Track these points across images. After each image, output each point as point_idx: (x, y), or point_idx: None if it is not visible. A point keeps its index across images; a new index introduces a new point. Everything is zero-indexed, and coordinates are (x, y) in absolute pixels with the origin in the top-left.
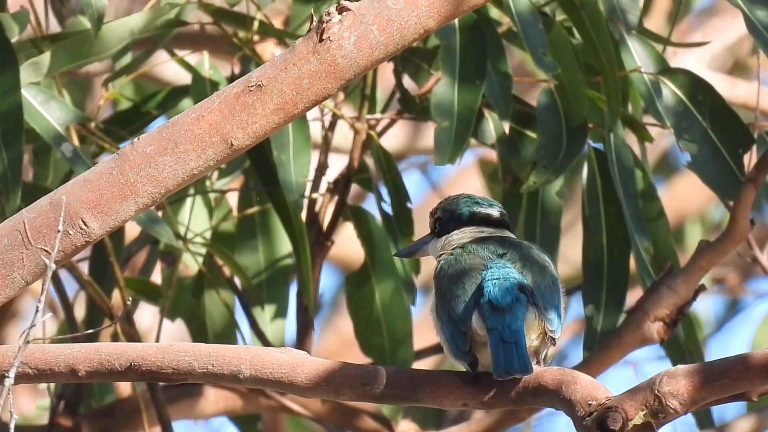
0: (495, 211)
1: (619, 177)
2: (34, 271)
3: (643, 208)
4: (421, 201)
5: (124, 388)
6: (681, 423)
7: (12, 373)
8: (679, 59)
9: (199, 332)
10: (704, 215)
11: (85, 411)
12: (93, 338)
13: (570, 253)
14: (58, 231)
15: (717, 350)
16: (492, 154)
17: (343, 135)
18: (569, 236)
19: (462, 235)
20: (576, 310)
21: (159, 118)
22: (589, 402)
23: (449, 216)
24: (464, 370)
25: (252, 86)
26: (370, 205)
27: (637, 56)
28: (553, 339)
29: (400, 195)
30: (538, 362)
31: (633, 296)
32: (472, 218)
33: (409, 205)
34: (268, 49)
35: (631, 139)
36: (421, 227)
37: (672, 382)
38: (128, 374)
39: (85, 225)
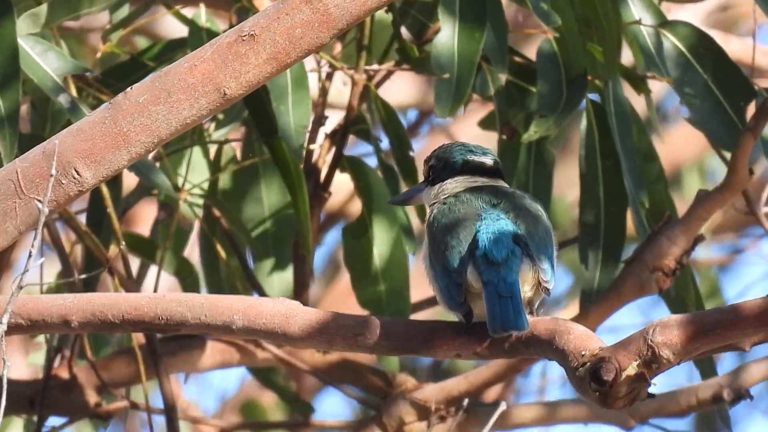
0: (488, 160)
1: (617, 129)
2: (27, 220)
3: (640, 162)
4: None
5: (121, 341)
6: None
7: (5, 320)
8: (673, 15)
9: (194, 288)
10: (701, 164)
11: (82, 364)
12: (89, 287)
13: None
14: (51, 176)
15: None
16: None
17: (337, 90)
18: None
19: (455, 184)
20: (572, 261)
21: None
22: (582, 352)
23: (443, 164)
24: (458, 320)
25: (245, 35)
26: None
27: (635, 10)
28: (548, 290)
29: (401, 144)
30: (531, 312)
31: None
32: (466, 166)
33: (411, 153)
34: (263, 2)
35: (629, 93)
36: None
37: (665, 332)
38: (121, 325)
39: (78, 174)
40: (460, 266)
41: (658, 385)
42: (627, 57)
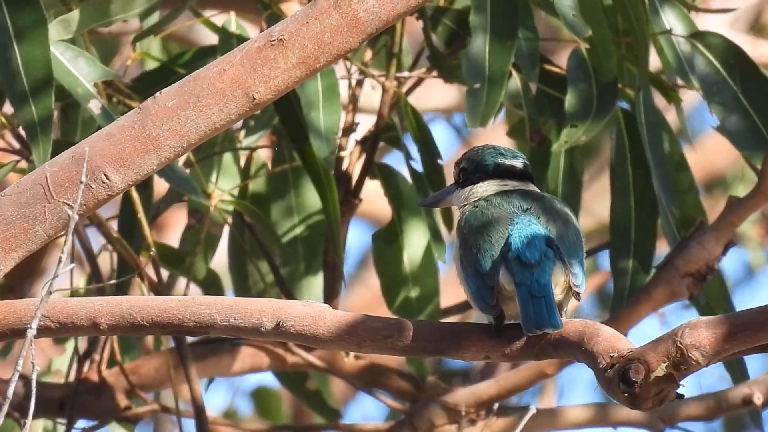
0: (519, 163)
1: (648, 138)
2: (56, 224)
3: (671, 170)
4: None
5: (150, 344)
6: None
7: (34, 324)
8: (701, 20)
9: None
10: (732, 171)
11: (111, 368)
12: (120, 293)
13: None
14: (81, 182)
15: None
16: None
17: (366, 96)
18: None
19: (486, 187)
20: (602, 266)
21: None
22: (611, 354)
23: (474, 166)
24: (487, 322)
25: (274, 40)
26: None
27: (666, 19)
28: (578, 294)
29: (430, 152)
30: (561, 315)
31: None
32: (497, 169)
33: (439, 161)
34: (293, 8)
35: (659, 101)
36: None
37: (694, 333)
38: (150, 328)
39: (107, 178)
40: (492, 269)
41: (688, 387)
42: (655, 64)
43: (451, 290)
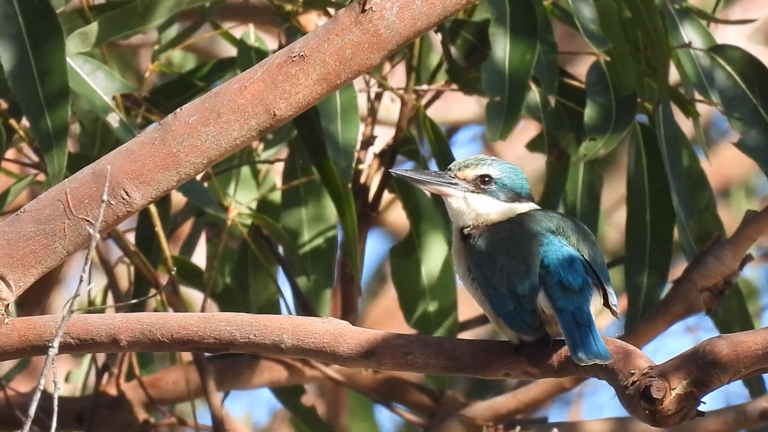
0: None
1: (667, 152)
2: (76, 241)
3: (689, 185)
4: None
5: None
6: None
7: (56, 343)
8: (720, 33)
9: (242, 306)
10: (749, 184)
11: (130, 382)
12: (140, 309)
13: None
14: (103, 201)
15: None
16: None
17: (385, 108)
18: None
19: (511, 206)
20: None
21: (205, 91)
22: (632, 371)
23: (502, 185)
24: (506, 339)
25: (295, 56)
26: None
27: (684, 32)
28: (616, 313)
29: (448, 164)
30: None
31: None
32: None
33: None
34: (312, 21)
35: (676, 113)
36: None
37: (715, 351)
38: (170, 344)
39: (127, 195)
40: (530, 291)
41: (708, 401)
42: (672, 77)
43: (469, 304)
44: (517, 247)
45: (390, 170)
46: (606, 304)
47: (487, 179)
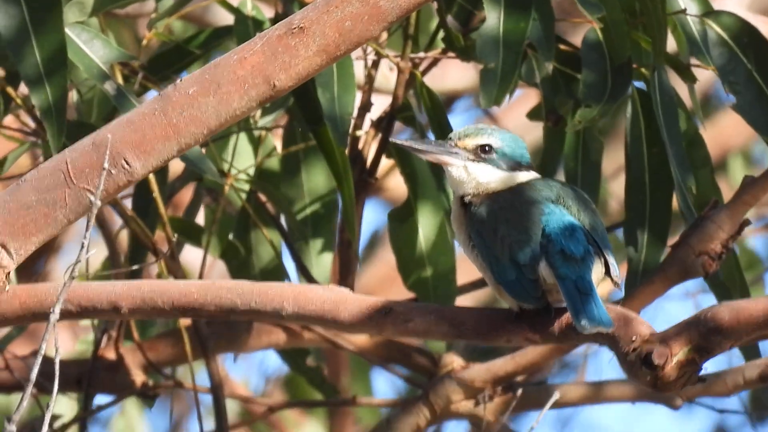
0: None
1: (663, 117)
2: (77, 209)
3: (687, 148)
4: None
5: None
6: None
7: (57, 309)
8: (719, 1)
9: (240, 271)
10: (747, 150)
11: (128, 345)
12: (137, 274)
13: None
14: (104, 169)
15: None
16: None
17: (383, 76)
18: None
19: (511, 174)
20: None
21: (202, 59)
22: (633, 338)
23: (502, 154)
24: (508, 307)
25: (294, 28)
26: None
27: None
28: (617, 283)
29: (444, 131)
30: None
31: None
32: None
33: None
34: None
35: (674, 80)
36: None
37: (716, 317)
38: (171, 312)
39: (128, 164)
40: (532, 260)
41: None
42: (669, 43)
43: (467, 268)
44: (518, 216)
45: (390, 139)
46: (607, 273)
47: (487, 148)
